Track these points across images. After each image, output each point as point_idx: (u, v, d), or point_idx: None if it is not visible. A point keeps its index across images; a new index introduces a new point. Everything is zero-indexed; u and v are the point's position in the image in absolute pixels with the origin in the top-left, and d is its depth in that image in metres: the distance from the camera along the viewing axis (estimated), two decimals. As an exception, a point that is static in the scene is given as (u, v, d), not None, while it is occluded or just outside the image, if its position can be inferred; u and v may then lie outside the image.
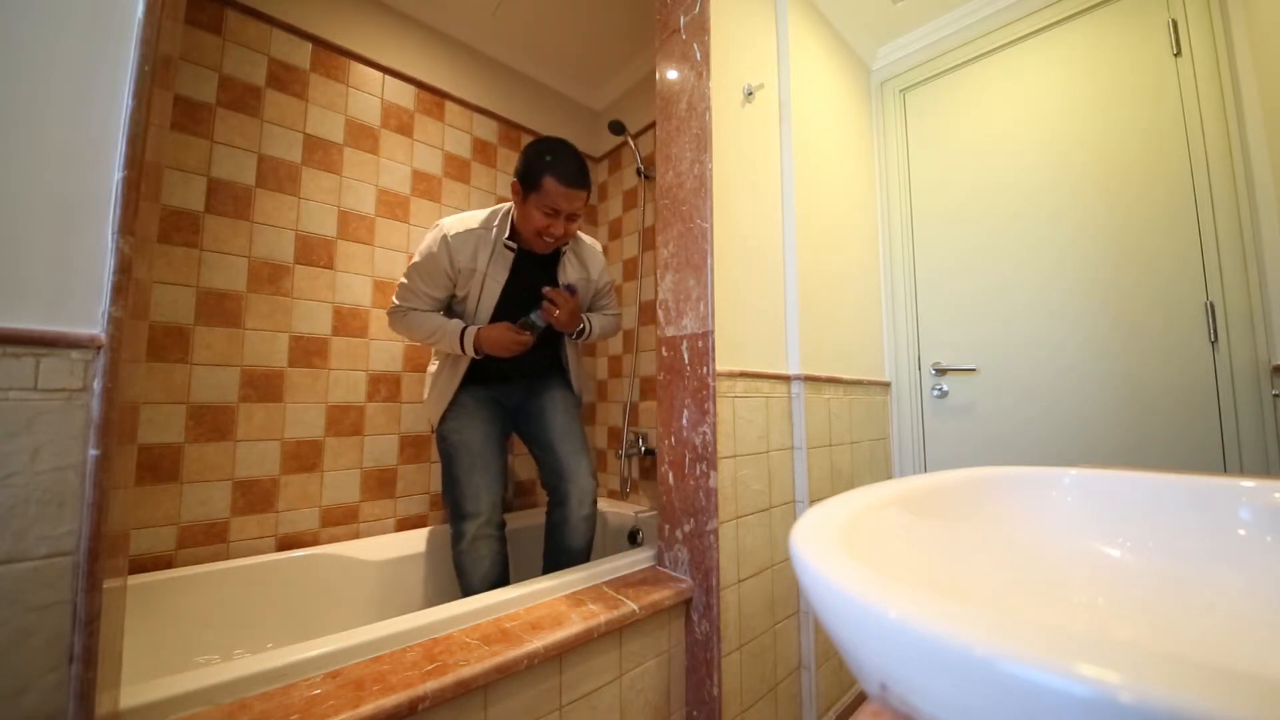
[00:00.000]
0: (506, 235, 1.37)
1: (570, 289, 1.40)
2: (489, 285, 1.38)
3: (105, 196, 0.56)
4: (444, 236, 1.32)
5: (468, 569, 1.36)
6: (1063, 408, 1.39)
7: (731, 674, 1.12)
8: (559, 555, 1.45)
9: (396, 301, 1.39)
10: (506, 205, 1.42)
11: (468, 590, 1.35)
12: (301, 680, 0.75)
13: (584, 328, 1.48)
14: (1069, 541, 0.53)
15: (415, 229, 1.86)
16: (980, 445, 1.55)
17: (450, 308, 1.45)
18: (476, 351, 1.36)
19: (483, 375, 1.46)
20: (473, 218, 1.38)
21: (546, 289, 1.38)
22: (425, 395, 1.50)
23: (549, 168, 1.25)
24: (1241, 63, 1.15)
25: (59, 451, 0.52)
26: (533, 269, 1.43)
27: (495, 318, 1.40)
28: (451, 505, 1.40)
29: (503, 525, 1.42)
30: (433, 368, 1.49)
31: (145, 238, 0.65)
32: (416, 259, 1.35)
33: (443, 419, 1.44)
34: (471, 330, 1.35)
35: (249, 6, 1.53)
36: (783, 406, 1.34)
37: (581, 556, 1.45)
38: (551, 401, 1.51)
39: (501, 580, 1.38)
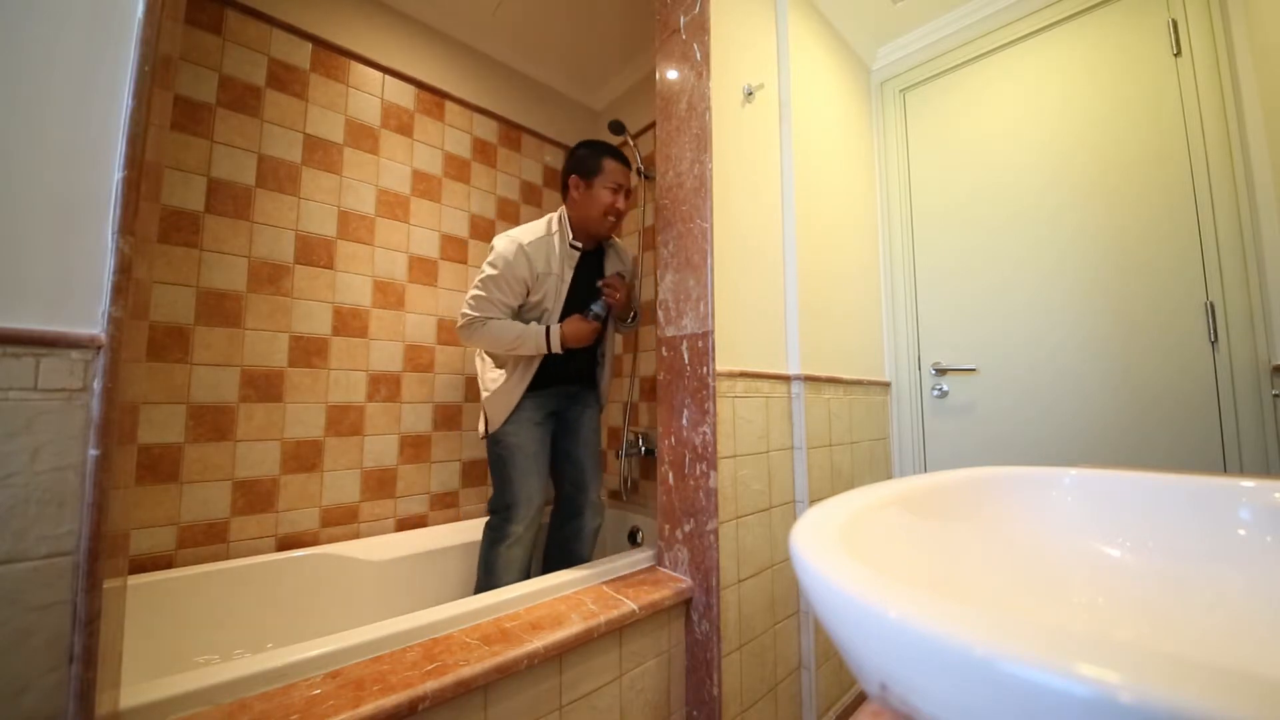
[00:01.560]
0: (571, 238, 1.47)
1: (621, 275, 1.54)
2: (560, 289, 1.47)
3: (105, 196, 0.56)
4: (519, 246, 1.39)
5: (499, 570, 1.40)
6: (1063, 408, 1.39)
7: (731, 674, 1.12)
8: (569, 563, 1.48)
9: (473, 314, 1.38)
10: (551, 214, 1.50)
11: (490, 589, 1.37)
12: (301, 680, 0.75)
13: (635, 312, 1.62)
14: (1069, 541, 0.53)
15: (415, 229, 1.86)
16: (980, 445, 1.55)
17: (519, 315, 1.47)
18: (561, 347, 1.42)
19: (544, 378, 1.49)
20: (534, 228, 1.45)
21: (604, 278, 1.52)
22: (486, 402, 1.49)
23: (604, 153, 1.45)
24: (1241, 63, 1.15)
25: (59, 451, 0.52)
26: (588, 266, 1.54)
27: (563, 315, 1.48)
28: (504, 506, 1.44)
29: (539, 529, 1.49)
30: (495, 374, 1.48)
31: (145, 238, 0.65)
32: (490, 272, 1.38)
33: (503, 422, 1.46)
34: (556, 329, 1.41)
35: (249, 6, 1.53)
36: (783, 406, 1.34)
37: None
38: (588, 418, 1.61)
39: None
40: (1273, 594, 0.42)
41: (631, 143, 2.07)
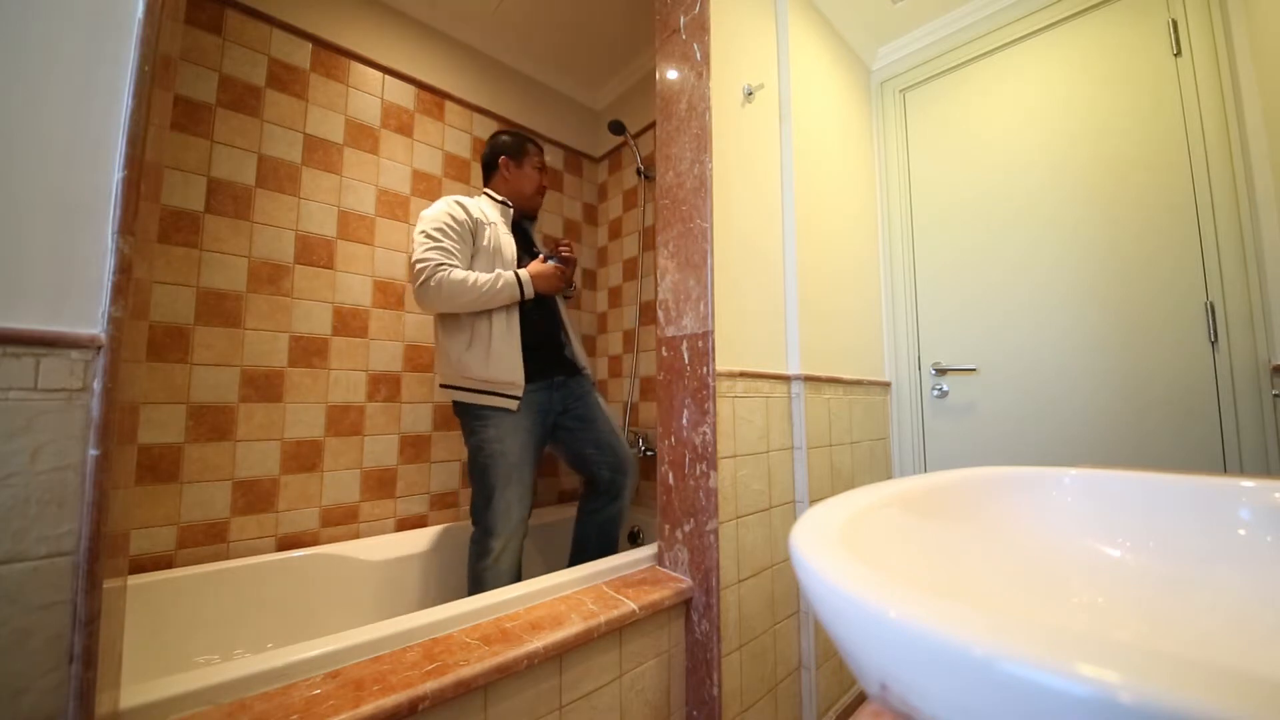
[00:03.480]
0: (500, 199, 1.55)
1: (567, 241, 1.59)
2: (503, 239, 1.47)
3: (105, 196, 0.56)
4: (448, 199, 1.44)
5: (488, 584, 1.34)
6: (1062, 408, 1.39)
7: (731, 674, 1.12)
8: (605, 550, 1.47)
9: (435, 260, 1.31)
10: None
11: None
12: (301, 680, 0.75)
13: (573, 282, 1.65)
14: (1069, 541, 0.53)
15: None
16: (980, 445, 1.55)
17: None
18: (533, 291, 1.42)
19: (532, 361, 1.41)
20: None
21: (560, 239, 1.60)
22: (484, 369, 1.36)
23: (526, 139, 1.60)
24: (1241, 63, 1.15)
25: (59, 451, 0.52)
26: (520, 234, 1.58)
27: None
28: (481, 520, 1.38)
29: (524, 536, 1.43)
30: (471, 353, 1.36)
31: (145, 238, 0.65)
32: (431, 228, 1.35)
33: (484, 427, 1.38)
34: (524, 271, 1.41)
35: (249, 6, 1.53)
36: (783, 406, 1.34)
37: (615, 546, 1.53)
38: (596, 404, 1.60)
39: None
40: (1273, 594, 0.42)
41: (632, 143, 2.07)
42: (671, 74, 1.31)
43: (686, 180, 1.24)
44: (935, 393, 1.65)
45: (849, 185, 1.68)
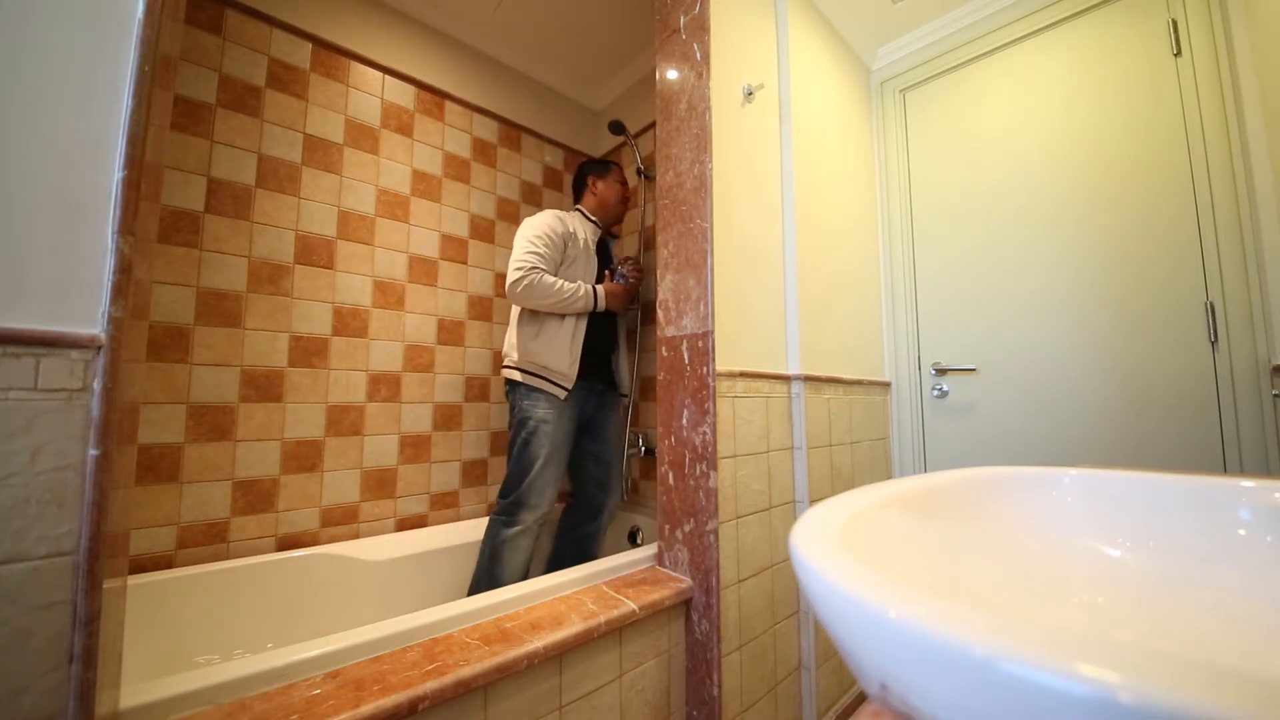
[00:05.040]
0: (591, 217, 1.74)
1: (637, 260, 1.77)
2: (589, 256, 1.65)
3: (105, 196, 0.56)
4: (552, 212, 1.61)
5: (504, 558, 1.44)
6: (1062, 408, 1.39)
7: (731, 674, 1.12)
8: (581, 563, 1.51)
9: (533, 264, 1.49)
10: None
11: (492, 577, 1.43)
12: (301, 680, 0.75)
13: (637, 297, 1.82)
14: (1069, 541, 0.53)
15: (415, 229, 1.86)
16: (980, 445, 1.55)
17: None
18: (604, 305, 1.61)
19: (585, 367, 1.58)
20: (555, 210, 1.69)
21: (627, 256, 1.76)
22: (540, 353, 1.54)
23: (609, 161, 1.80)
24: (1241, 63, 1.15)
25: (59, 451, 0.52)
26: (601, 250, 1.76)
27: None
28: (516, 492, 1.48)
29: (543, 526, 1.52)
30: (540, 342, 1.55)
31: (145, 238, 0.65)
32: (534, 235, 1.53)
33: (534, 406, 1.51)
34: (600, 287, 1.61)
35: (249, 6, 1.53)
36: (783, 406, 1.34)
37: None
38: (614, 422, 1.74)
39: (524, 579, 1.45)
40: (1273, 594, 0.42)
41: (632, 143, 2.07)
42: (671, 74, 1.31)
43: (686, 180, 1.24)
44: (935, 393, 1.65)
45: (849, 185, 1.68)
